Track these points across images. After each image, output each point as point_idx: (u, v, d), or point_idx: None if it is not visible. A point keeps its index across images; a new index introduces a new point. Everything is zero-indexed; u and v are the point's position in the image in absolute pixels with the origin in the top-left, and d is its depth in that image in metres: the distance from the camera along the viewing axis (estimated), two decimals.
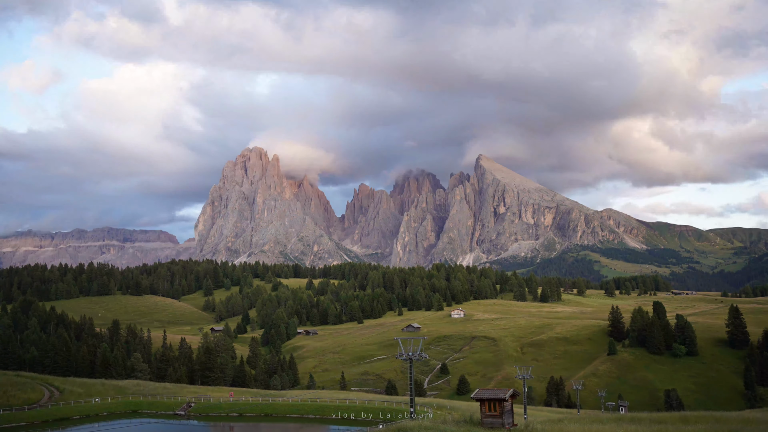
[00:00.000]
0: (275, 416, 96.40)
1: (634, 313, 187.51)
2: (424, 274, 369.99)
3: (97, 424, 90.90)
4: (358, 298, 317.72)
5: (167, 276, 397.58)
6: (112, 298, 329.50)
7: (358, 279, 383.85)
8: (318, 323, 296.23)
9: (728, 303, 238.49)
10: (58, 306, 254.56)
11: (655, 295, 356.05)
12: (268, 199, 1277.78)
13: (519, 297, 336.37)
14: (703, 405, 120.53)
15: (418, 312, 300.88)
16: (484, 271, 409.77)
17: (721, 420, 54.38)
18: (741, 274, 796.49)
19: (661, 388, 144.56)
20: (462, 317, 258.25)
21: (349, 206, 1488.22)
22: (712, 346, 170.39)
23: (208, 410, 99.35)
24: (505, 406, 49.47)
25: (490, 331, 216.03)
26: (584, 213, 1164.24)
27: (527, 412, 78.54)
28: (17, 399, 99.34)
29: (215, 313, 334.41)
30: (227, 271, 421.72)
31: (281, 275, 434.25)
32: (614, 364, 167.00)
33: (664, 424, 52.99)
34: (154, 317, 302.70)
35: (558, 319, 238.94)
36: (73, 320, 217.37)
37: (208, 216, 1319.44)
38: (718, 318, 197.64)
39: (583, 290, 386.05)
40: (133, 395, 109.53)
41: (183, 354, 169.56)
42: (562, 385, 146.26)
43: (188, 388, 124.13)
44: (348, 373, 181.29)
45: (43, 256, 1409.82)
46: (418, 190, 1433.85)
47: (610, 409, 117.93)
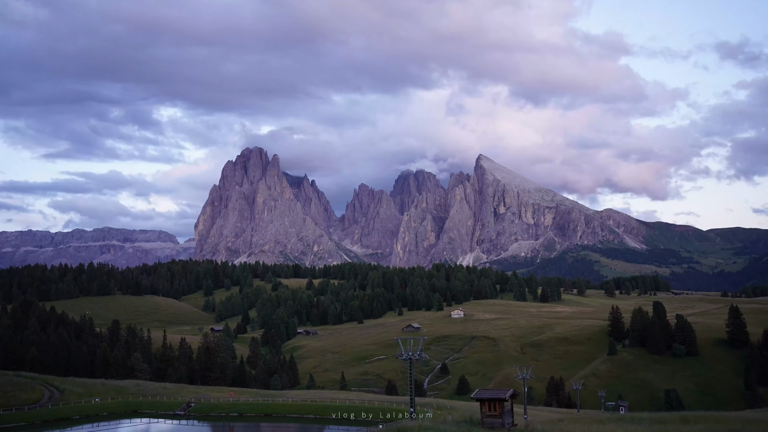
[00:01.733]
0: (275, 416, 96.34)
1: (635, 313, 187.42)
2: (424, 274, 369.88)
3: (97, 424, 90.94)
4: (358, 298, 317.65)
5: (167, 276, 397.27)
6: (112, 298, 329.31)
7: (358, 279, 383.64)
8: (318, 323, 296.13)
9: (728, 303, 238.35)
10: (58, 306, 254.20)
11: (655, 295, 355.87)
12: (268, 199, 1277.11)
13: (519, 297, 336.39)
14: (703, 405, 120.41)
15: (418, 312, 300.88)
16: (484, 271, 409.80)
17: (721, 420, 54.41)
18: (741, 274, 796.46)
19: (661, 388, 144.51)
20: (462, 317, 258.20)
21: (349, 206, 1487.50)
22: (712, 346, 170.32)
23: (208, 410, 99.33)
24: (505, 406, 49.50)
25: (490, 331, 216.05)
26: (584, 213, 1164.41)
27: (527, 412, 78.53)
28: (17, 399, 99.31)
29: (215, 313, 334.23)
30: (227, 271, 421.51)
31: (281, 275, 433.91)
32: (614, 364, 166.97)
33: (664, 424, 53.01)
34: (154, 317, 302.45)
35: (558, 319, 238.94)
36: (73, 320, 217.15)
37: (208, 216, 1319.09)
38: (718, 318, 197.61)
39: (583, 290, 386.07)
40: (133, 395, 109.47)
41: (183, 354, 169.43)
42: (562, 385, 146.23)
43: (188, 388, 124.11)
44: (348, 373, 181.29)
45: (43, 256, 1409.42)
46: (418, 190, 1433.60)
47: (610, 409, 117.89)
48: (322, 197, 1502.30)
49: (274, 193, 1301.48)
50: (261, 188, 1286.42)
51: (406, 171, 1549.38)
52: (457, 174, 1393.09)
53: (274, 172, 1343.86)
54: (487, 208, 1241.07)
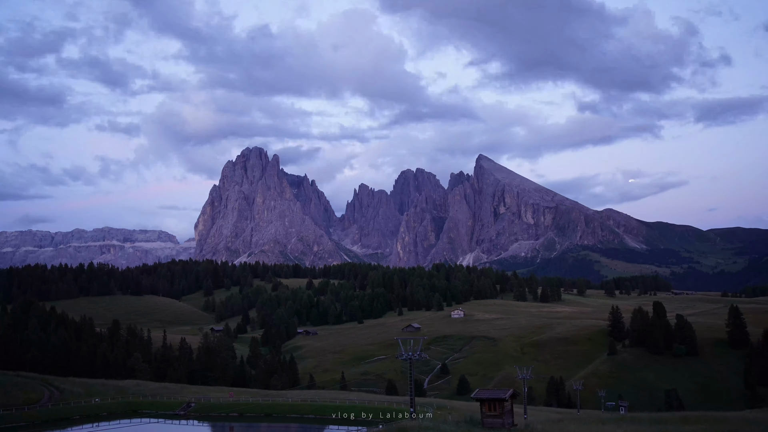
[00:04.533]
0: (275, 416, 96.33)
1: (635, 313, 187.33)
2: (424, 274, 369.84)
3: (97, 424, 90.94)
4: (358, 298, 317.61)
5: (167, 276, 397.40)
6: (112, 298, 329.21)
7: (358, 279, 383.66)
8: (318, 323, 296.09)
9: (728, 303, 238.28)
10: (58, 306, 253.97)
11: (656, 295, 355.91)
12: (268, 199, 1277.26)
13: (519, 297, 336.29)
14: (703, 405, 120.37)
15: (418, 312, 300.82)
16: (484, 271, 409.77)
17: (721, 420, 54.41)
18: (741, 274, 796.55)
19: (661, 388, 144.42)
20: (462, 317, 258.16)
21: (349, 206, 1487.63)
22: (712, 346, 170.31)
23: (209, 410, 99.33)
24: (505, 406, 49.49)
25: (490, 331, 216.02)
26: (584, 213, 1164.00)
27: (527, 412, 78.54)
28: (17, 399, 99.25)
29: (215, 313, 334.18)
30: (227, 271, 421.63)
31: (281, 275, 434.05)
32: (614, 364, 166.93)
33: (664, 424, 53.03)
34: (154, 317, 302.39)
35: (558, 319, 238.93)
36: (73, 320, 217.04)
37: (208, 216, 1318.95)
38: (719, 318, 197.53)
39: (583, 290, 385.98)
40: (133, 395, 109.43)
41: (183, 354, 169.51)
42: (562, 385, 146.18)
43: (188, 388, 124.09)
44: (348, 373, 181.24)
45: (43, 256, 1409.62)
46: (418, 190, 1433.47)
47: (610, 409, 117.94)
48: (322, 197, 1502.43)
49: (274, 193, 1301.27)
50: (261, 188, 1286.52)
51: (406, 171, 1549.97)
52: (456, 174, 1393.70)
53: (274, 172, 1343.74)
54: (487, 208, 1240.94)
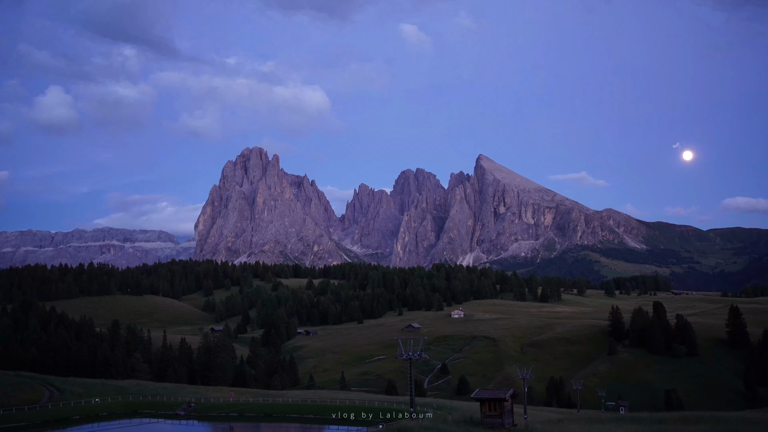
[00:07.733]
0: (275, 416, 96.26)
1: (635, 313, 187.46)
2: (424, 274, 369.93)
3: (97, 424, 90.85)
4: (358, 298, 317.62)
5: (167, 276, 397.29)
6: (112, 298, 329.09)
7: (358, 279, 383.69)
8: (318, 323, 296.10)
9: (728, 303, 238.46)
10: (58, 306, 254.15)
11: (656, 295, 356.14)
12: (268, 199, 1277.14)
13: (519, 297, 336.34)
14: (703, 405, 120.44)
15: (418, 312, 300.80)
16: (484, 271, 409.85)
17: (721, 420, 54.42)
18: (741, 274, 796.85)
19: (661, 389, 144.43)
20: (462, 317, 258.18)
21: (349, 206, 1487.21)
22: (712, 346, 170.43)
23: (209, 410, 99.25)
24: (505, 406, 49.51)
25: (490, 331, 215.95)
26: (584, 213, 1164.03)
27: (527, 412, 78.56)
28: (17, 399, 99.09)
29: (215, 313, 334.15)
30: (227, 271, 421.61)
31: (281, 275, 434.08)
32: (614, 364, 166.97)
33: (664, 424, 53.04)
34: (154, 317, 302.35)
35: (558, 319, 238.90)
36: (73, 320, 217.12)
37: (208, 216, 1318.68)
38: (718, 318, 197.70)
39: (583, 290, 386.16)
40: (133, 395, 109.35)
41: (183, 354, 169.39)
42: (562, 385, 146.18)
43: (188, 388, 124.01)
44: (348, 373, 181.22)
45: (43, 256, 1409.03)
46: (418, 190, 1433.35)
47: (610, 409, 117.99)
48: (322, 197, 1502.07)
49: (274, 193, 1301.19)
50: (261, 188, 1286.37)
51: (406, 171, 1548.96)
52: (456, 174, 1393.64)
53: (274, 172, 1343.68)
54: (487, 208, 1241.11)
